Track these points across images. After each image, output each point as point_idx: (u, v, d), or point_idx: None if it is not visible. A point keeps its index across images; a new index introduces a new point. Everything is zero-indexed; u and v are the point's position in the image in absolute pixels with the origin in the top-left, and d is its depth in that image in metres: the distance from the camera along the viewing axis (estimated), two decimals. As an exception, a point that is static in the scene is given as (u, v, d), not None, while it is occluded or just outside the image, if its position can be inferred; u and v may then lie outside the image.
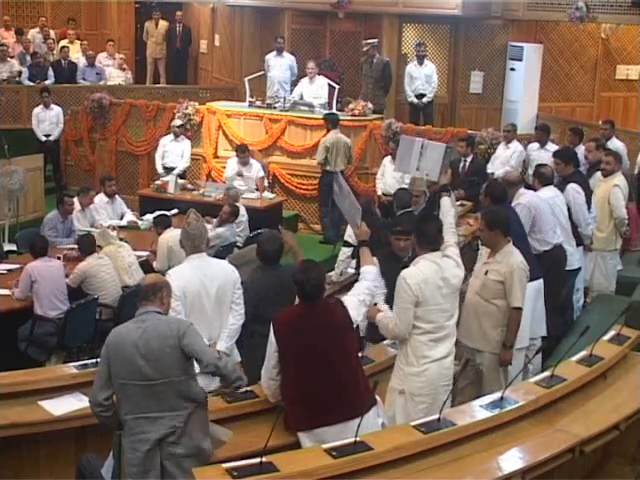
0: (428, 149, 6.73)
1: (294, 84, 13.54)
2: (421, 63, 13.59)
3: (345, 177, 11.55)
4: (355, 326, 5.09)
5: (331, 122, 11.80)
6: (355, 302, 5.07)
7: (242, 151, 11.64)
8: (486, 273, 6.09)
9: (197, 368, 4.69)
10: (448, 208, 5.93)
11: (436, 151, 6.65)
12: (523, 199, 7.42)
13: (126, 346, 4.51)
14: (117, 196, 10.62)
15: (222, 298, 5.70)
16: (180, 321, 4.78)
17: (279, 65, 13.66)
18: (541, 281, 7.06)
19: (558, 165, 8.43)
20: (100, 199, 10.34)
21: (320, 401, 4.82)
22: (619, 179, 8.57)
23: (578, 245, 8.12)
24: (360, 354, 5.61)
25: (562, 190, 8.04)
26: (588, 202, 8.22)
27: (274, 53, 13.73)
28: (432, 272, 5.33)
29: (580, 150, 9.91)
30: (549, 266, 7.28)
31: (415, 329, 5.33)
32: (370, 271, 5.40)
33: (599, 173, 8.68)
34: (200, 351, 4.59)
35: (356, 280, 5.53)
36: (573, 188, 8.08)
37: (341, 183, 6.22)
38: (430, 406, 5.28)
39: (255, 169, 11.69)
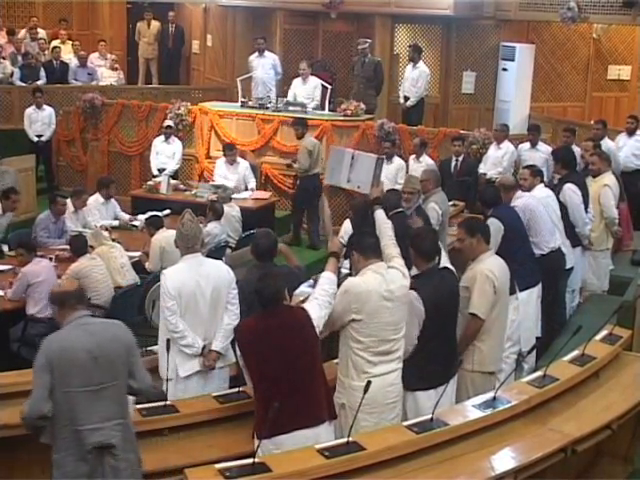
0: (359, 161, 6.58)
1: (284, 83, 13.53)
2: (413, 65, 13.53)
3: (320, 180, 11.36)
4: (319, 331, 4.97)
5: (305, 126, 11.54)
6: (315, 306, 4.99)
7: (229, 149, 11.66)
8: None
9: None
10: (383, 221, 5.73)
11: (367, 163, 6.51)
12: (519, 202, 7.38)
13: (76, 352, 4.40)
14: (112, 198, 10.60)
15: (217, 298, 5.70)
16: (124, 326, 4.71)
17: (261, 65, 13.66)
18: (541, 285, 7.08)
19: (556, 165, 8.48)
20: (96, 200, 10.30)
21: (280, 407, 4.58)
22: (609, 179, 8.59)
23: (575, 246, 8.10)
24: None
25: (559, 189, 8.04)
26: (585, 202, 8.21)
27: (256, 54, 13.75)
28: (376, 284, 5.12)
29: (576, 150, 9.98)
30: (545, 270, 7.26)
31: (356, 343, 5.09)
32: (327, 277, 5.21)
33: (593, 173, 8.74)
34: (141, 372, 4.64)
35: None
36: (569, 188, 8.05)
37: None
38: (374, 426, 5.02)
39: (242, 167, 11.68)
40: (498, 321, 5.93)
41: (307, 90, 12.97)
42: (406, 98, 13.48)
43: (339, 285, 5.24)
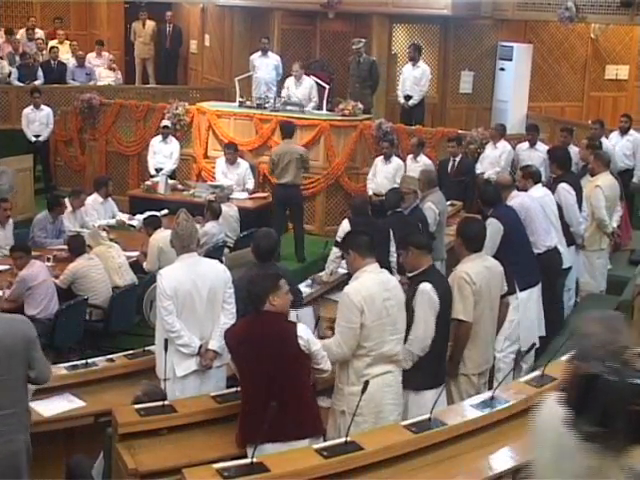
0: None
1: (281, 84, 13.53)
2: (413, 64, 13.51)
3: (298, 190, 11.02)
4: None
5: (284, 131, 11.09)
6: (309, 331, 4.95)
7: (229, 148, 11.63)
8: None
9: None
10: None
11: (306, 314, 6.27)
12: (515, 201, 7.35)
13: None
14: (109, 197, 10.60)
15: (214, 297, 5.68)
16: (27, 322, 4.86)
17: (265, 65, 13.64)
18: (541, 285, 7.07)
19: (551, 165, 8.48)
20: (94, 200, 10.31)
21: (260, 415, 4.40)
22: (602, 180, 8.54)
23: (570, 245, 8.11)
24: None
25: (553, 189, 8.04)
26: (579, 201, 8.20)
27: (259, 53, 13.72)
28: (375, 285, 5.08)
29: (574, 149, 9.98)
30: (542, 269, 7.25)
31: (359, 349, 5.05)
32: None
33: (590, 172, 8.74)
34: (40, 363, 4.78)
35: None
36: (564, 188, 8.05)
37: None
38: (373, 426, 4.99)
39: (243, 168, 11.67)
40: (480, 324, 5.80)
41: (301, 91, 12.94)
42: (408, 97, 13.43)
43: (340, 288, 5.22)
